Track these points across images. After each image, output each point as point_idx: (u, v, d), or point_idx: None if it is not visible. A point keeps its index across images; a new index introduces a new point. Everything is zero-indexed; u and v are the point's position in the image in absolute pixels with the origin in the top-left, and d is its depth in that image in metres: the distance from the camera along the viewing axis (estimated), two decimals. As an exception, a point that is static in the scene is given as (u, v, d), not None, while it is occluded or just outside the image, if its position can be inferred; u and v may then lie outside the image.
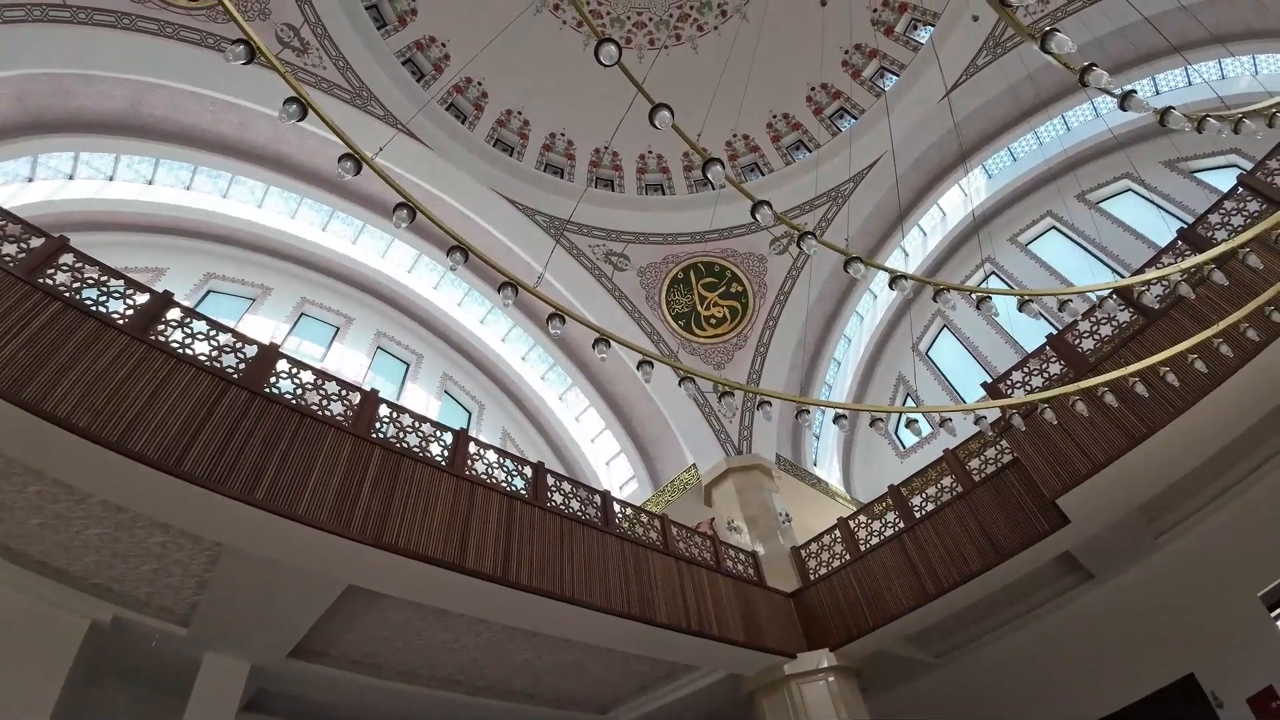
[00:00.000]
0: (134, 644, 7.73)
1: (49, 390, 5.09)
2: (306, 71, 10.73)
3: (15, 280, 5.49)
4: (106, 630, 7.38)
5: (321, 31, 10.81)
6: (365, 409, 6.67)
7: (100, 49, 9.38)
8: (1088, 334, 8.44)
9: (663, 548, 8.37)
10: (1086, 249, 14.30)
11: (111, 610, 7.34)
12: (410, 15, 12.00)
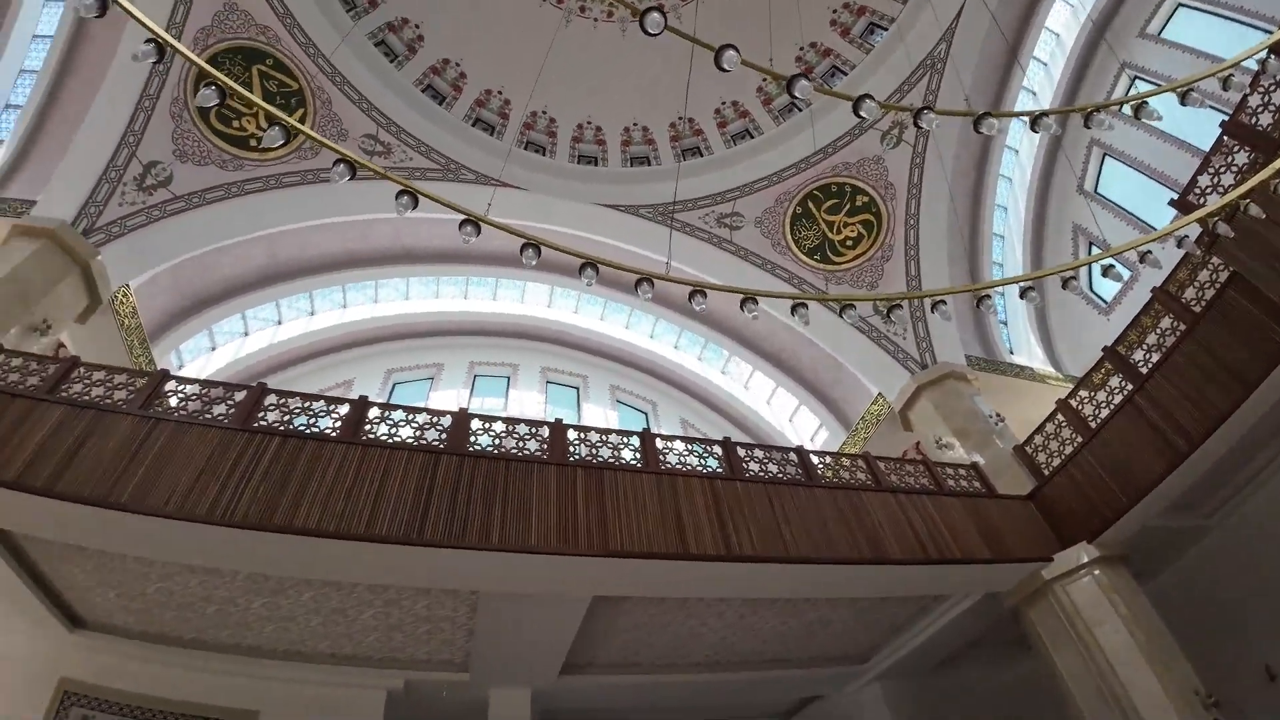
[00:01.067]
0: (428, 700, 8.81)
1: (294, 510, 5.92)
2: (398, 167, 11.60)
3: (235, 432, 6.45)
4: (401, 695, 8.47)
5: (396, 128, 11.68)
6: (556, 438, 7.12)
7: (224, 221, 10.75)
8: (1262, 108, 7.14)
9: (875, 486, 8.07)
10: (1226, 16, 11.99)
11: (402, 676, 8.41)
12: (461, 81, 12.67)
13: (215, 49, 10.38)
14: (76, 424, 6.50)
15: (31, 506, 6.02)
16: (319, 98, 11.19)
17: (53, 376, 7.04)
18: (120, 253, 9.58)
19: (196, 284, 12.54)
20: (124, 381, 7.13)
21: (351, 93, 11.40)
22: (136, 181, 9.95)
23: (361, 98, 11.48)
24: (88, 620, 8.33)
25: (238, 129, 10.75)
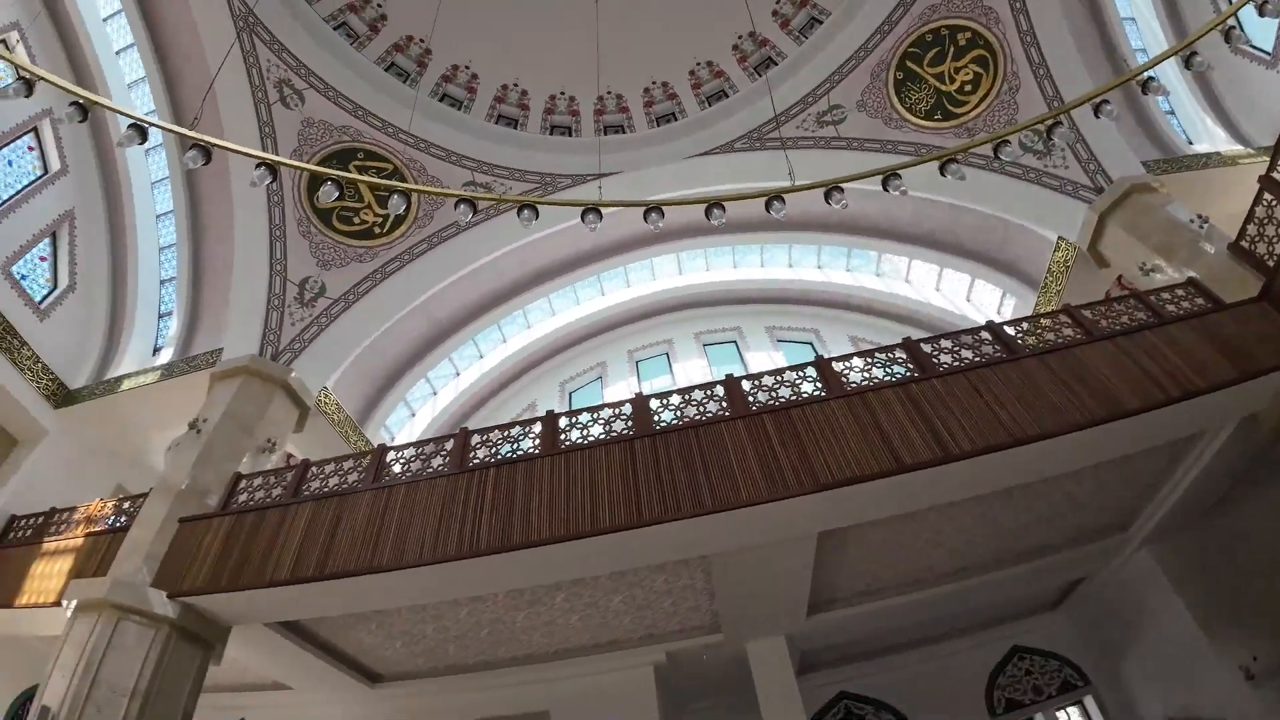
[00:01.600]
0: (691, 665, 9.28)
1: (526, 526, 6.52)
2: (505, 199, 12.13)
3: (456, 475, 7.25)
4: (666, 667, 9.05)
5: (487, 166, 12.27)
6: (732, 393, 7.16)
7: (379, 306, 11.73)
8: None
9: (1086, 337, 7.27)
10: None
11: (661, 650, 8.94)
12: (525, 99, 13.06)
13: (313, 161, 11.47)
14: (325, 513, 7.48)
15: (310, 593, 7.06)
16: (413, 168, 11.95)
17: (293, 482, 8.15)
18: (308, 363, 10.78)
19: (378, 365, 13.91)
20: (352, 466, 8.11)
21: (437, 150, 12.05)
22: (297, 300, 11.20)
23: (448, 152, 12.10)
24: (384, 674, 9.62)
25: (359, 223, 11.76)
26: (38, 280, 12.84)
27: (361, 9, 12.06)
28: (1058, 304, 11.00)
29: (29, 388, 11.43)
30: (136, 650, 6.91)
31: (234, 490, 8.52)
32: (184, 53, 11.87)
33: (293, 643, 8.22)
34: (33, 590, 8.75)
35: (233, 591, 7.16)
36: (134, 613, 7.10)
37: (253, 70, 10.90)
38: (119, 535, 8.56)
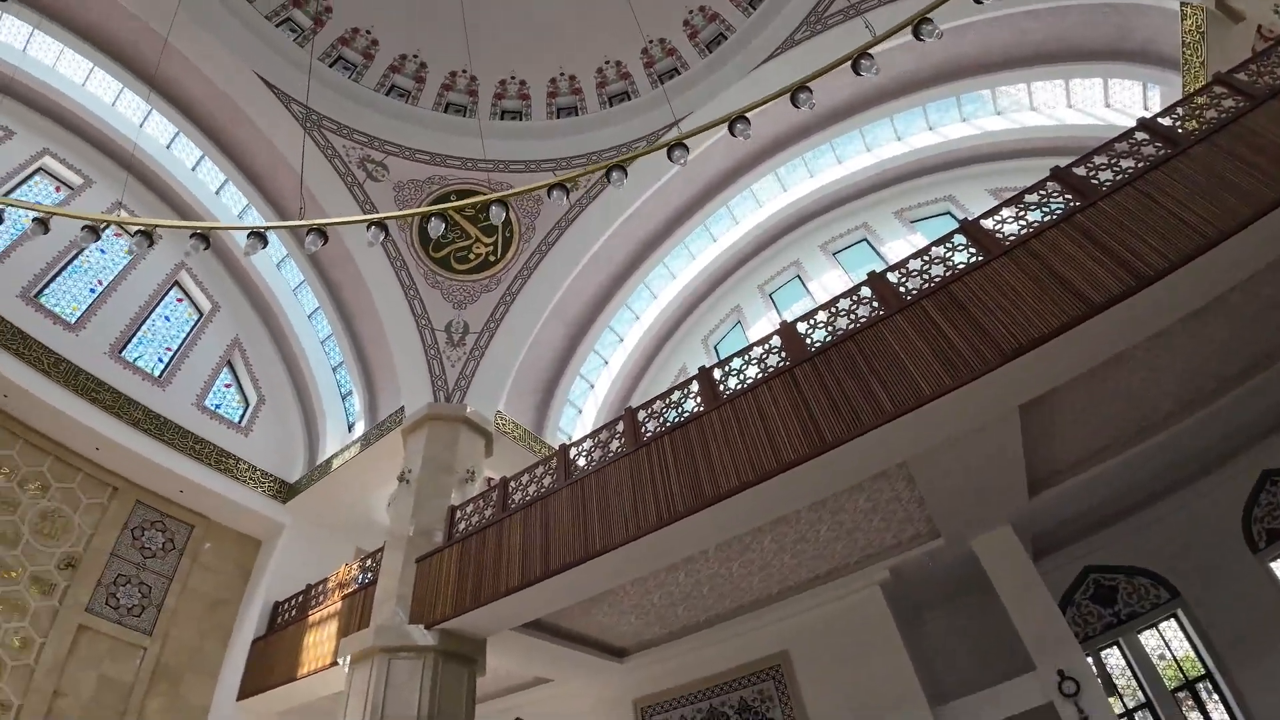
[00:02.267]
0: (919, 574, 9.02)
1: (714, 480, 6.62)
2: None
3: (636, 452, 7.55)
4: (891, 583, 8.87)
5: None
6: (880, 290, 6.71)
7: (517, 325, 12.47)
8: None
9: (1249, 103, 6.07)
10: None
11: (883, 567, 8.78)
12: (575, 83, 13.10)
13: (416, 216, 12.30)
14: (534, 518, 8.04)
15: (541, 592, 7.64)
16: (500, 189, 12.43)
17: (499, 500, 8.82)
18: (477, 395, 11.62)
19: (535, 377, 14.64)
20: (543, 470, 8.65)
21: (517, 165, 12.44)
22: (449, 343, 12.07)
23: (526, 163, 12.46)
24: (627, 648, 10.21)
25: (475, 258, 12.45)
26: (230, 404, 14.77)
27: (403, 66, 12.69)
28: (1206, 78, 9.51)
29: (256, 495, 13.23)
30: (411, 682, 7.81)
31: (452, 521, 9.38)
32: (270, 168, 13.12)
33: (540, 639, 8.95)
34: (310, 659, 10.16)
35: (476, 608, 7.88)
36: (400, 650, 8.04)
37: (334, 160, 11.81)
38: (369, 589, 9.70)
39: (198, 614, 12.21)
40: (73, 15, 12.05)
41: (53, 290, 12.84)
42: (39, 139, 13.67)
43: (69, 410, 11.28)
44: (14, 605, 10.29)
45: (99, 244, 14.09)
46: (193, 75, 12.14)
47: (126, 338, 13.38)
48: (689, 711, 9.53)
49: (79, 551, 11.29)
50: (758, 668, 9.26)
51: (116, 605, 11.41)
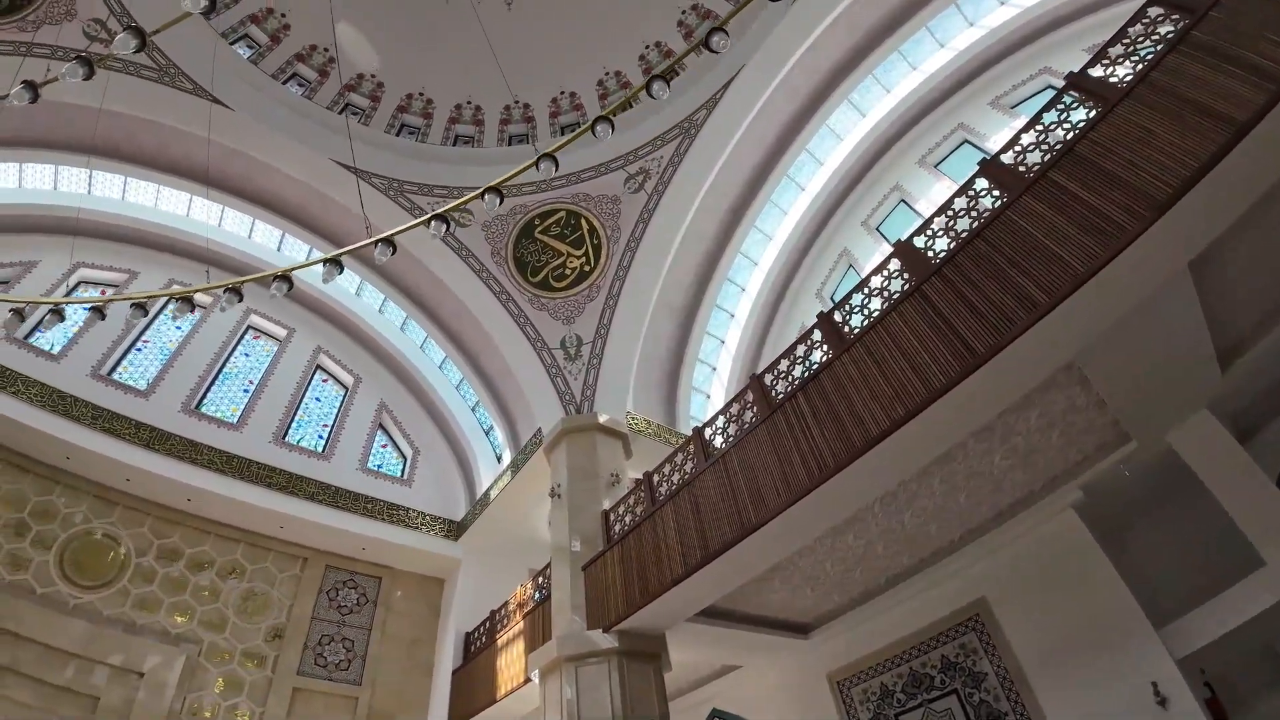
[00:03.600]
0: (1116, 486, 7.96)
1: (861, 427, 6.23)
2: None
3: (771, 417, 7.25)
4: (1085, 502, 7.94)
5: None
6: (997, 176, 6.06)
7: (624, 324, 12.57)
8: None
9: None
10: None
11: (1073, 488, 7.87)
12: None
13: (510, 243, 12.78)
14: (684, 505, 7.95)
15: (708, 576, 7.50)
16: (581, 201, 12.71)
17: (646, 495, 8.84)
18: (605, 401, 11.76)
19: (657, 371, 14.57)
20: (681, 459, 8.57)
21: (588, 173, 12.64)
22: (567, 358, 12.36)
23: (596, 168, 12.67)
24: (809, 622, 9.83)
25: (571, 271, 12.70)
26: (390, 462, 15.84)
27: (460, 114, 13.60)
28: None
29: (429, 538, 14.11)
30: (599, 686, 7.92)
31: (608, 525, 9.49)
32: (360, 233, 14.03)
33: (718, 626, 8.80)
34: (506, 680, 10.56)
35: (646, 605, 7.86)
36: (584, 657, 8.19)
37: (417, 215, 12.40)
38: (546, 605, 9.98)
39: (399, 657, 13.11)
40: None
41: (211, 399, 14.38)
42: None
43: (249, 499, 12.55)
44: (232, 682, 11.51)
45: (242, 348, 15.74)
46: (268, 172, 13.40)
47: (286, 424, 14.70)
48: (888, 679, 9.00)
49: (282, 622, 12.48)
50: (954, 621, 8.59)
51: (325, 663, 12.48)
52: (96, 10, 10.73)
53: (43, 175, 14.14)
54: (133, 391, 13.16)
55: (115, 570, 11.63)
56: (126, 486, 12.23)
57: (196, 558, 12.41)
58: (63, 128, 12.53)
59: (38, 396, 11.64)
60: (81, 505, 11.89)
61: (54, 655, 10.44)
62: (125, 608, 11.36)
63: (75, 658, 10.52)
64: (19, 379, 11.63)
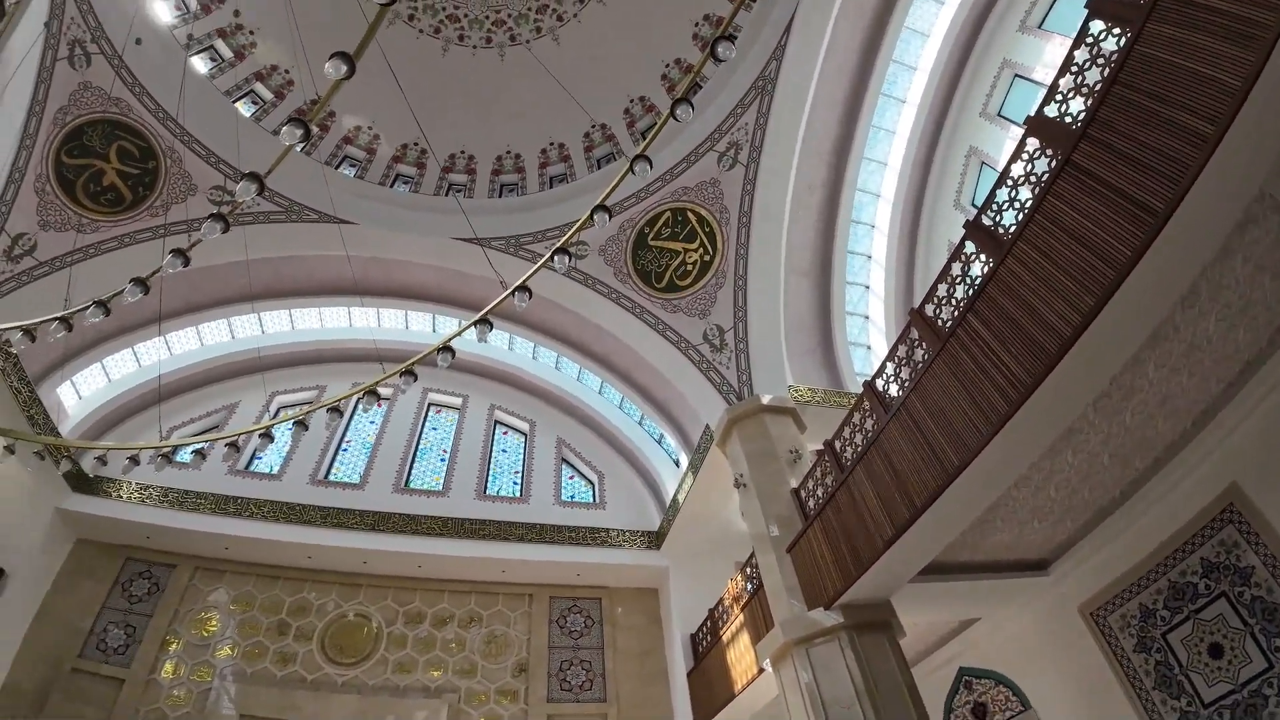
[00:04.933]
0: None
1: (1046, 331, 5.56)
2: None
3: (943, 349, 6.64)
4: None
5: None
6: None
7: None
8: None
9: None
10: None
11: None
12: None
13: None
14: (875, 465, 7.62)
15: (920, 532, 7.01)
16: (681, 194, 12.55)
17: (832, 463, 8.63)
18: (763, 381, 11.47)
19: (807, 337, 14.11)
20: (860, 418, 8.32)
21: (680, 167, 12.51)
22: (712, 348, 12.25)
23: (687, 158, 12.51)
24: (1045, 556, 8.92)
25: (693, 265, 12.70)
26: (580, 490, 16.61)
27: (548, 159, 14.44)
28: None
29: (635, 552, 14.64)
30: (834, 663, 7.69)
31: (801, 502, 9.28)
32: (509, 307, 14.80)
33: (946, 581, 8.25)
34: (739, 674, 10.55)
35: (862, 574, 7.52)
36: (812, 638, 8.00)
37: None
38: (759, 593, 9.90)
39: (633, 670, 13.63)
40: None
41: (415, 475, 15.94)
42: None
43: (468, 553, 13.80)
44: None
45: (429, 424, 17.25)
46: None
47: (484, 479, 15.94)
48: (1146, 598, 7.92)
49: (524, 656, 13.45)
50: (1206, 518, 7.37)
51: (569, 687, 13.26)
52: (212, 179, 12.45)
53: (219, 330, 16.43)
54: (349, 486, 14.90)
55: (371, 643, 13.15)
56: (364, 568, 13.82)
57: (438, 615, 13.72)
58: (222, 286, 14.50)
59: (271, 513, 13.57)
60: (330, 594, 13.61)
61: (334, 733, 11.85)
62: (387, 674, 12.80)
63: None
64: (251, 504, 13.65)
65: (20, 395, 11.89)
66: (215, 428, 15.62)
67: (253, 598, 13.37)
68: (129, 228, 12.09)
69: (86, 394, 14.73)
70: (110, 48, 11.35)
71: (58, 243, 11.56)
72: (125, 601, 12.92)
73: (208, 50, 13.24)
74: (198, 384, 16.18)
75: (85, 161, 11.59)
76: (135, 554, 13.47)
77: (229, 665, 12.43)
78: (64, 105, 11.30)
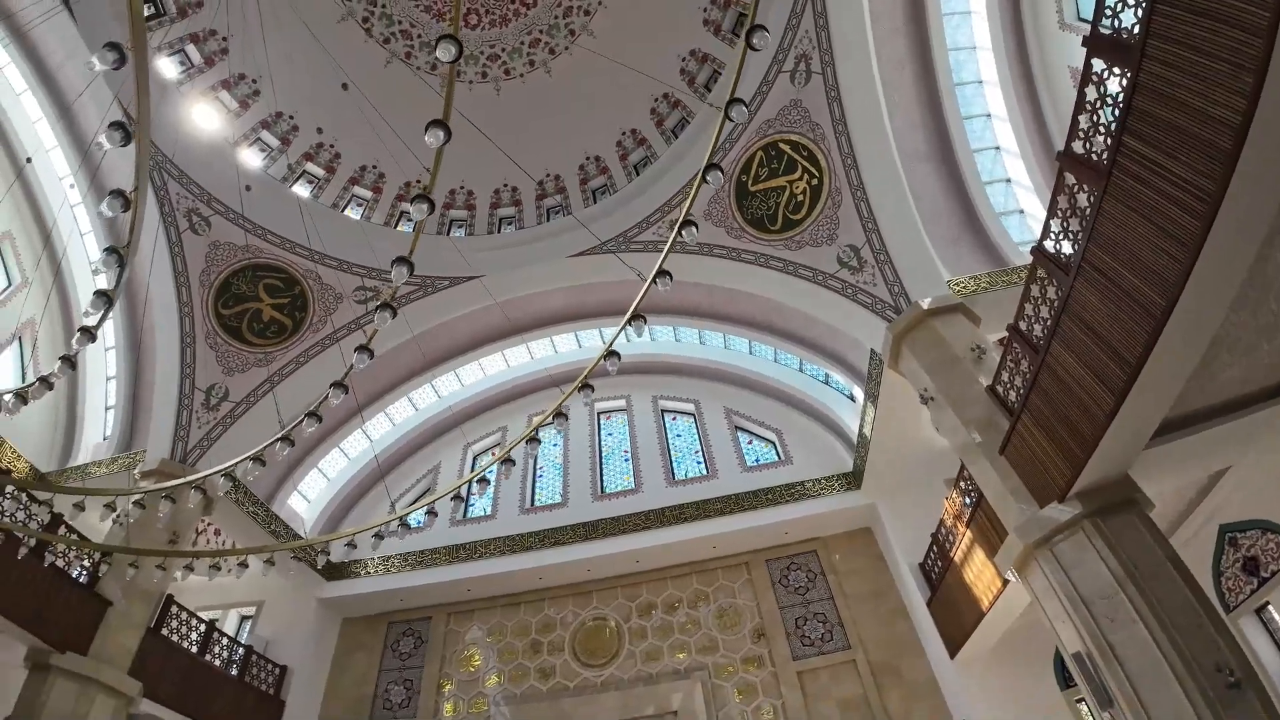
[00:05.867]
0: None
1: (1220, 105, 4.61)
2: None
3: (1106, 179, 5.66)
4: None
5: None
6: None
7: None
8: None
9: None
10: None
11: None
12: None
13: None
14: (1070, 332, 6.89)
15: (1144, 391, 6.10)
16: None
17: (1023, 348, 7.92)
18: (917, 286, 10.71)
19: (946, 224, 12.58)
20: (1039, 290, 7.52)
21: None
22: (853, 270, 11.62)
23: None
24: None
25: (803, 194, 12.09)
26: (762, 452, 16.43)
27: (626, 149, 13.58)
28: None
29: (835, 497, 14.69)
30: (1084, 557, 7.04)
31: (1000, 397, 8.62)
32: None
33: (1183, 437, 7.22)
34: (981, 593, 9.98)
35: (1090, 456, 6.76)
36: (1052, 537, 7.36)
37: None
38: (981, 504, 9.28)
39: (869, 612, 13.33)
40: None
41: (607, 480, 16.81)
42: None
43: (675, 538, 14.31)
44: (745, 688, 12.85)
45: (604, 430, 17.87)
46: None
47: (669, 467, 16.30)
48: None
49: (759, 622, 13.62)
50: None
51: (810, 641, 13.24)
52: (351, 283, 13.89)
53: (404, 408, 18.30)
54: (555, 507, 16.00)
55: (616, 641, 13.99)
56: (589, 575, 14.79)
57: (667, 602, 14.29)
58: (395, 367, 15.96)
59: (496, 549, 14.96)
60: (567, 606, 14.70)
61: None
62: (638, 666, 13.53)
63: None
64: (478, 545, 15.16)
65: (259, 517, 13.95)
66: (427, 490, 17.35)
67: (503, 627, 14.72)
68: (301, 347, 13.80)
69: (313, 497, 16.94)
70: (221, 204, 12.98)
71: (245, 382, 13.43)
72: (397, 660, 14.78)
73: (302, 176, 14.69)
74: (400, 458, 18.11)
75: (241, 308, 13.38)
76: (394, 617, 15.40)
77: (499, 691, 13.78)
78: (204, 268, 13.06)
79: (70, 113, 12.14)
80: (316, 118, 14.44)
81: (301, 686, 14.11)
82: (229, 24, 12.38)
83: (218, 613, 15.59)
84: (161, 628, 11.87)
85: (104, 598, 10.48)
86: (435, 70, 14.20)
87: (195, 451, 12.85)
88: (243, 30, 12.42)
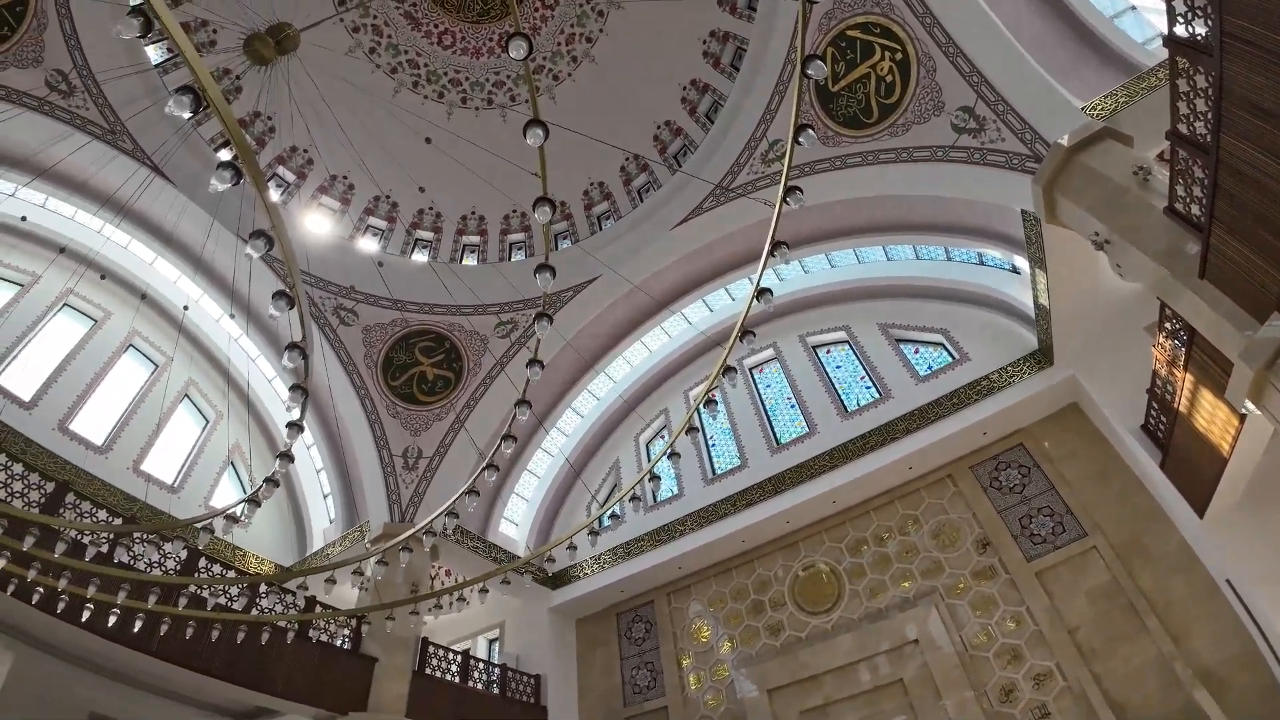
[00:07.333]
0: None
1: None
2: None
3: None
4: None
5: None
6: None
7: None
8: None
9: None
10: None
11: None
12: None
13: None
14: (1234, 118, 5.79)
15: None
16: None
17: (1192, 151, 6.65)
18: (1047, 123, 9.62)
19: (1057, 49, 11.06)
20: (1188, 81, 6.27)
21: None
22: (974, 135, 10.52)
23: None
24: None
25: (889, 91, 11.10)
26: (931, 357, 15.30)
27: (665, 136, 13.13)
28: None
29: (1025, 381, 13.16)
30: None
31: (1182, 215, 7.42)
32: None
33: None
34: (1219, 436, 8.51)
35: None
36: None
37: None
38: (1195, 340, 8.07)
39: (1098, 493, 11.94)
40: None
41: (780, 430, 16.52)
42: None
43: (864, 470, 13.89)
44: (982, 602, 12.06)
45: (760, 382, 17.60)
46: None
47: (837, 401, 15.79)
48: None
49: (980, 532, 12.67)
50: None
51: (1040, 539, 12.08)
52: (489, 324, 14.86)
53: (571, 417, 19.23)
54: (735, 471, 16.08)
55: (835, 584, 13.74)
56: (789, 526, 14.70)
57: (876, 535, 13.82)
58: (551, 384, 16.74)
59: (694, 522, 15.54)
60: (776, 561, 14.76)
61: (845, 672, 12.61)
62: (864, 604, 13.18)
63: (860, 663, 12.54)
64: (675, 524, 15.79)
65: (480, 549, 15.76)
66: (615, 486, 18.14)
67: (721, 594, 15.04)
68: (468, 393, 15.51)
69: (518, 519, 18.41)
70: (360, 293, 14.86)
71: (431, 438, 15.25)
72: (634, 647, 15.67)
73: (416, 244, 16.06)
74: (581, 464, 19.11)
75: (407, 376, 15.21)
76: (620, 608, 16.38)
77: (735, 655, 14.06)
78: (365, 352, 15.13)
79: (204, 263, 14.04)
80: (410, 183, 15.51)
81: (556, 689, 15.37)
82: (310, 133, 13.57)
83: (467, 642, 17.40)
84: (424, 668, 13.32)
85: (369, 656, 12.02)
86: (493, 104, 14.80)
87: (410, 509, 14.44)
88: (320, 134, 13.59)
